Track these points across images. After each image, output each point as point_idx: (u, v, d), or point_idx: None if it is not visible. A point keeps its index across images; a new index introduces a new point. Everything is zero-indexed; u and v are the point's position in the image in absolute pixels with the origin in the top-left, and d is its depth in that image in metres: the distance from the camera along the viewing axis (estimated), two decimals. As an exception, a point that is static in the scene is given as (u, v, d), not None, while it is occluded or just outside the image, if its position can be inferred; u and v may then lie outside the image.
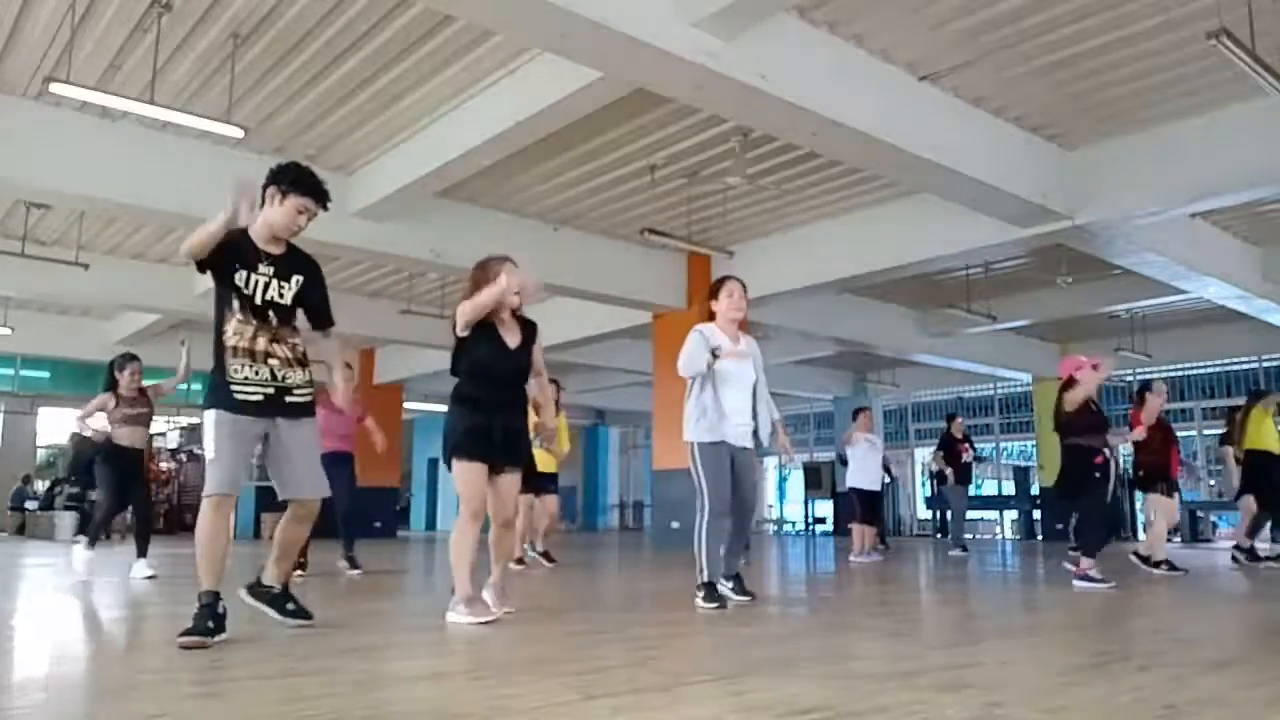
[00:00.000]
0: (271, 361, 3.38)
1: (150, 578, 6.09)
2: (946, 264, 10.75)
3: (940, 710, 2.26)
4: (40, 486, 18.13)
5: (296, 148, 8.67)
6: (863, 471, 9.32)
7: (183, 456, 19.04)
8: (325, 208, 3.59)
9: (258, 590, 3.70)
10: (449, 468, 4.06)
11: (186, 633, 3.13)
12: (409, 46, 6.88)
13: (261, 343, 3.36)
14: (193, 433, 20.34)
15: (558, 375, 8.23)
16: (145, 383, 6.62)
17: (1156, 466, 7.54)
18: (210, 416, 3.35)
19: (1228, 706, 2.35)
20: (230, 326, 3.35)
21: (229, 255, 3.36)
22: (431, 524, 23.76)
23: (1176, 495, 7.83)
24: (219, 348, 3.36)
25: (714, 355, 4.66)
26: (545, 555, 8.04)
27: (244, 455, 3.40)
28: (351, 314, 13.02)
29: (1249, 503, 8.38)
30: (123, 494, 6.49)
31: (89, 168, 7.94)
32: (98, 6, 6.43)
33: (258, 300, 3.38)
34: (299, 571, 6.66)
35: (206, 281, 3.50)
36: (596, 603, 5.30)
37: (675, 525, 11.92)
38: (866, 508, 9.31)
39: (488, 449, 4.02)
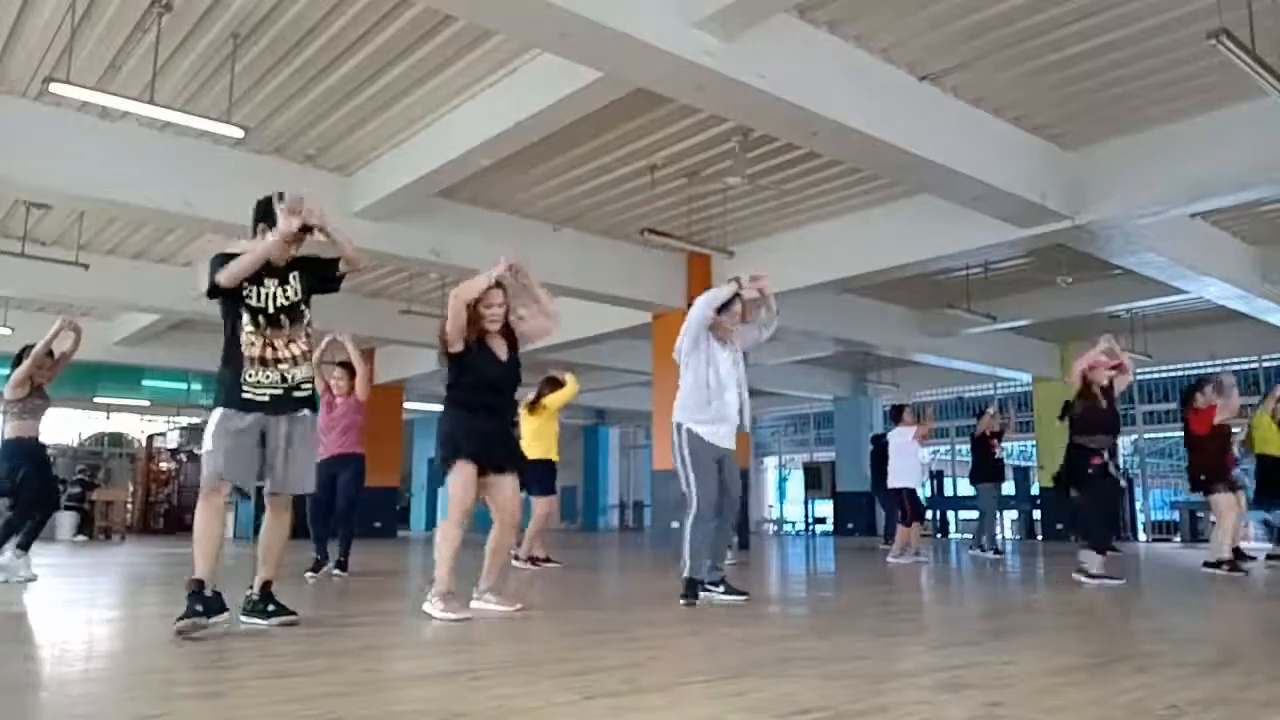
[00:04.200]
0: (281, 366, 3.66)
1: (31, 579, 5.83)
2: (946, 264, 10.74)
3: (940, 710, 2.26)
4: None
5: (296, 148, 8.67)
6: (906, 469, 9.26)
7: (183, 456, 19.04)
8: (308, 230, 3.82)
9: (244, 606, 3.77)
10: (445, 470, 4.18)
11: (180, 619, 3.33)
12: (409, 46, 6.88)
13: (271, 351, 3.65)
14: (193, 433, 20.34)
15: (558, 375, 8.24)
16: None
17: (1213, 468, 7.41)
18: (216, 414, 3.61)
19: (1228, 706, 2.35)
20: (244, 338, 3.64)
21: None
22: (431, 524, 23.77)
23: (1240, 493, 7.61)
24: (234, 355, 3.64)
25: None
26: (531, 560, 7.81)
27: (244, 450, 3.59)
28: (352, 314, 13.01)
29: (1219, 503, 7.48)
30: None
31: (89, 168, 7.93)
32: (98, 6, 6.43)
33: (270, 309, 3.68)
34: (338, 571, 6.62)
35: (205, 282, 3.62)
36: (596, 603, 5.30)
37: (676, 525, 11.92)
38: (911, 506, 9.18)
39: (485, 452, 4.17)
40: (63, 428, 21.22)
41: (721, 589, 4.85)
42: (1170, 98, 7.49)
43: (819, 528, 21.11)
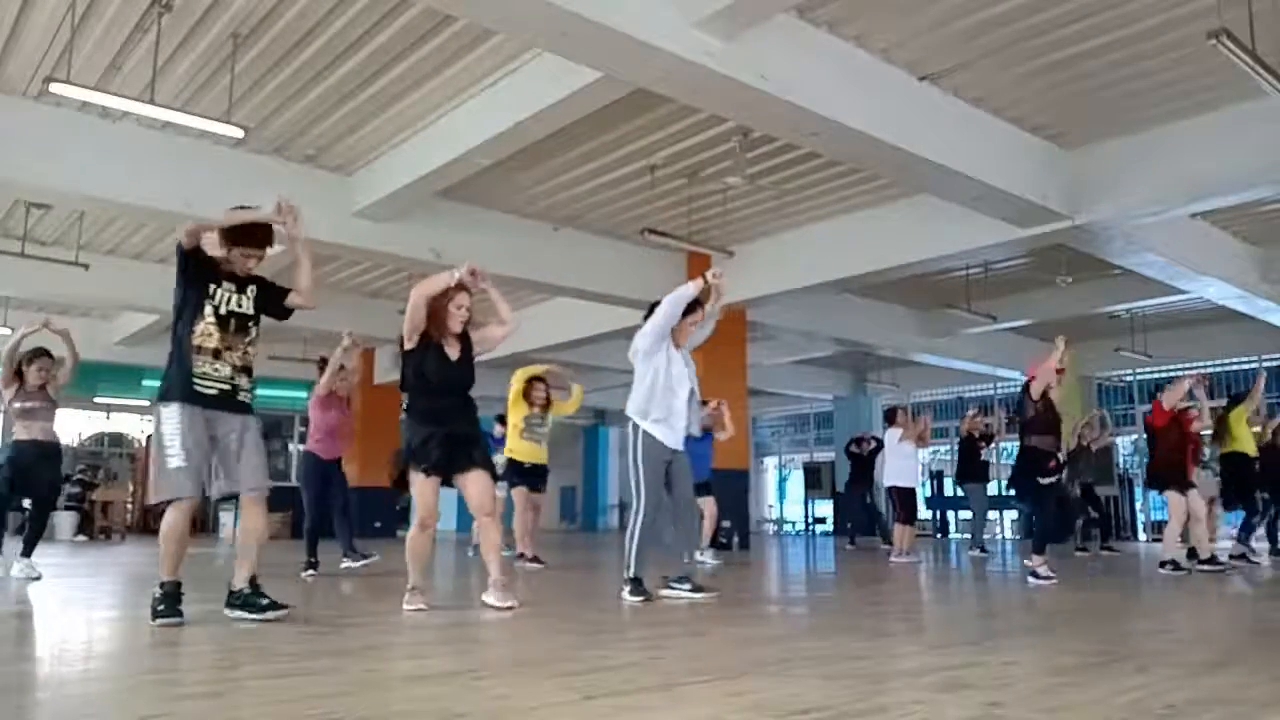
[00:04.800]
0: (231, 365, 3.85)
1: (36, 578, 5.96)
2: (946, 264, 10.74)
3: (940, 710, 2.26)
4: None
5: (296, 148, 8.67)
6: (901, 470, 9.29)
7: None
8: (269, 243, 4.06)
9: (231, 600, 3.90)
10: (406, 480, 4.37)
11: (164, 616, 3.65)
12: (409, 46, 6.88)
13: (223, 347, 3.84)
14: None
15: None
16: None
17: (1169, 466, 7.57)
18: (173, 410, 3.71)
19: (1228, 706, 2.35)
20: (199, 328, 3.81)
21: (209, 271, 3.89)
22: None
23: (1193, 493, 7.73)
24: (184, 345, 3.79)
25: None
26: (534, 558, 7.83)
27: (200, 460, 3.74)
28: (352, 314, 13.01)
29: (1177, 504, 7.60)
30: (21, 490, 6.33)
31: (89, 168, 7.93)
32: (98, 6, 6.43)
33: (223, 310, 3.88)
34: (311, 572, 6.68)
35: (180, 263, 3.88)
36: (595, 602, 5.30)
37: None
38: (906, 506, 9.23)
39: (440, 460, 4.31)
40: (63, 428, 21.23)
41: (688, 586, 4.98)
42: (1170, 98, 7.49)
43: (819, 528, 21.10)
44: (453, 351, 4.46)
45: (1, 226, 10.67)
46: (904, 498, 9.24)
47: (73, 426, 20.41)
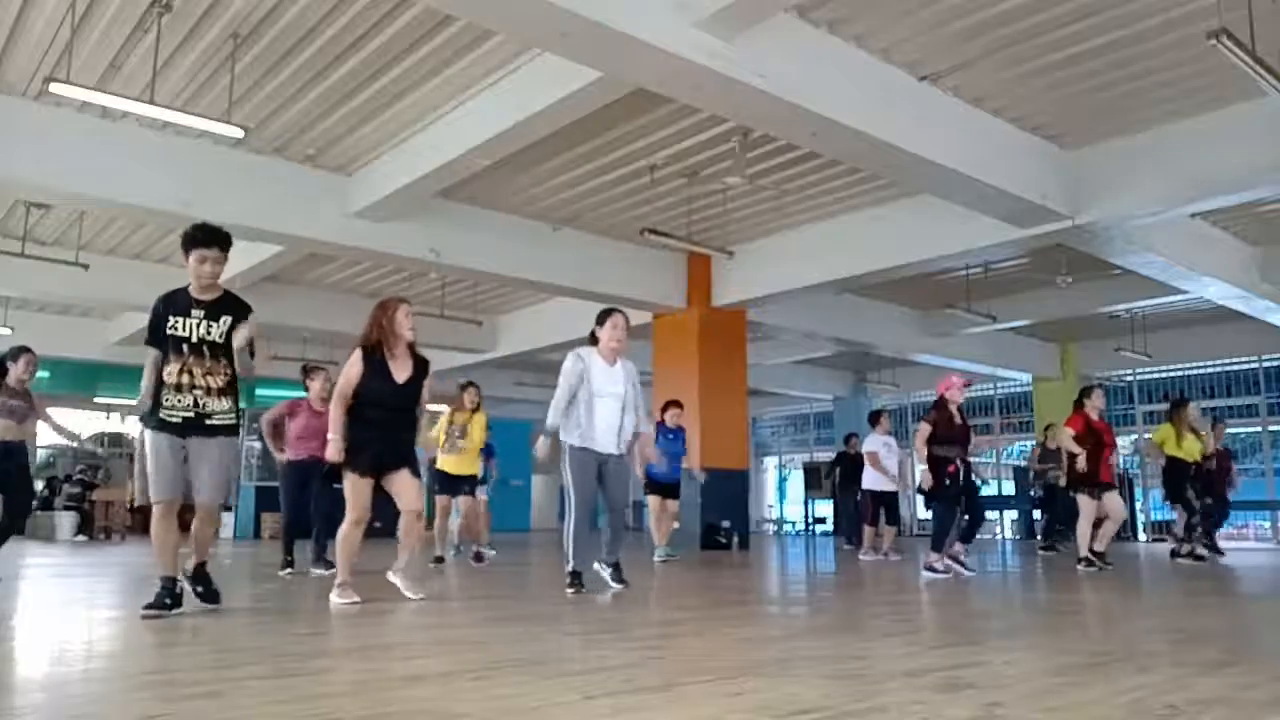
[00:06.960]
0: (196, 392, 4.06)
1: None
2: (946, 264, 10.75)
3: (940, 710, 2.25)
4: (38, 486, 18.06)
5: (296, 148, 8.67)
6: (878, 475, 9.33)
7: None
8: (221, 247, 4.13)
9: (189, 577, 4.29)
10: (341, 476, 4.64)
11: (148, 606, 3.92)
12: (409, 46, 6.88)
13: (187, 378, 4.05)
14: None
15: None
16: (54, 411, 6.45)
17: (1083, 471, 7.76)
18: (147, 435, 4.10)
19: (1228, 706, 2.35)
20: (168, 367, 4.06)
21: (166, 314, 4.08)
22: (429, 523, 23.68)
23: (1107, 496, 7.85)
24: (159, 382, 4.08)
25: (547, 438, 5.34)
26: (476, 556, 8.01)
27: (178, 465, 4.08)
28: (352, 314, 13.00)
29: (1087, 506, 7.80)
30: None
31: (89, 168, 7.93)
32: (98, 6, 6.43)
33: (194, 339, 4.07)
34: (288, 570, 6.65)
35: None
36: (595, 603, 5.30)
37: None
38: (884, 509, 9.30)
39: (375, 462, 4.60)
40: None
41: (610, 572, 5.48)
42: (1170, 98, 7.49)
43: (819, 528, 21.09)
44: (401, 373, 4.67)
45: (1, 226, 10.67)
46: (877, 501, 9.32)
47: (73, 426, 20.39)
